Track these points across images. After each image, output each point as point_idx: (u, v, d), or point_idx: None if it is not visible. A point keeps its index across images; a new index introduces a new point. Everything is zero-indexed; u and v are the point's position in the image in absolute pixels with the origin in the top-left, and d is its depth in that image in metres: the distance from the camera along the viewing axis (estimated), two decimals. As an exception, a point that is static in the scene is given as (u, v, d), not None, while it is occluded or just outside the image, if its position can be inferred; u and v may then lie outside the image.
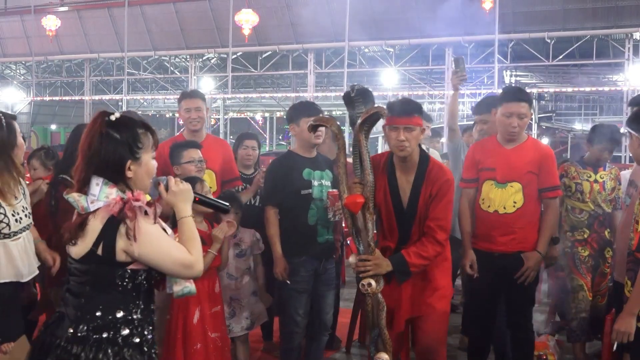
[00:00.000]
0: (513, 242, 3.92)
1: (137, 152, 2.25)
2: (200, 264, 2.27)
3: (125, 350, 2.20)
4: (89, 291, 2.23)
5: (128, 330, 2.23)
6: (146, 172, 2.29)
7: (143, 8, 22.59)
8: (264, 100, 30.33)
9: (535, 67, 22.01)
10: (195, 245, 2.28)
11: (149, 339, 2.30)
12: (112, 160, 2.22)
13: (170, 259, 2.21)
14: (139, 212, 2.16)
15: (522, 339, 4.04)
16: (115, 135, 2.23)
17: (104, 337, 2.19)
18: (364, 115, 3.25)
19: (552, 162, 4.03)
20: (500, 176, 3.92)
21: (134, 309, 2.26)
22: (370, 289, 3.27)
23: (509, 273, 3.93)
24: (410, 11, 19.21)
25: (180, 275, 2.26)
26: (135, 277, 2.24)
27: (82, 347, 2.18)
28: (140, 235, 2.15)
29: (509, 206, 3.90)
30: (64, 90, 29.38)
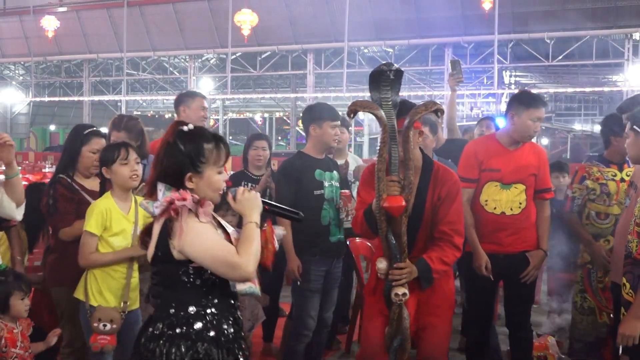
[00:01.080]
0: (517, 242, 3.94)
1: (199, 165, 2.30)
2: (248, 267, 2.24)
3: (199, 344, 2.25)
4: (162, 291, 2.34)
5: (201, 324, 2.27)
6: (208, 186, 2.33)
7: (142, 8, 22.59)
8: (263, 100, 30.38)
9: (535, 68, 22.04)
10: (247, 249, 2.27)
11: (228, 332, 2.33)
12: (172, 169, 2.30)
13: (215, 257, 2.23)
14: (183, 211, 2.21)
15: (522, 338, 4.06)
16: (180, 146, 2.30)
17: (177, 333, 2.25)
18: (422, 112, 3.03)
19: (547, 164, 4.13)
20: (506, 177, 3.92)
21: (207, 304, 2.30)
22: (405, 298, 3.12)
23: (512, 273, 3.94)
24: (410, 11, 19.22)
25: (228, 275, 2.27)
26: (201, 274, 2.28)
27: (156, 343, 2.25)
28: (184, 233, 2.20)
29: (515, 207, 3.93)
30: (63, 90, 29.41)
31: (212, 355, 2.26)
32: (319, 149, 4.09)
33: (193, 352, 2.23)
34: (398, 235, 3.10)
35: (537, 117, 3.91)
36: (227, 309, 2.36)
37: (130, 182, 3.46)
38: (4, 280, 3.16)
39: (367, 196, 3.34)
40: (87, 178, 3.76)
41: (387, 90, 3.06)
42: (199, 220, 2.24)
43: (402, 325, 3.19)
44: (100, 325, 3.31)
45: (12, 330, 3.14)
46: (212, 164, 2.33)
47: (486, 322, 4.11)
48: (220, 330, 2.30)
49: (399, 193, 3.04)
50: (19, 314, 3.18)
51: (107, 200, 3.45)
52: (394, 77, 3.05)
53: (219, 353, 2.28)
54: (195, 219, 2.24)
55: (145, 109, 33.71)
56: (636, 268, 3.15)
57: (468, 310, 4.25)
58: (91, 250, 3.37)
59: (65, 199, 3.59)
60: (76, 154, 3.71)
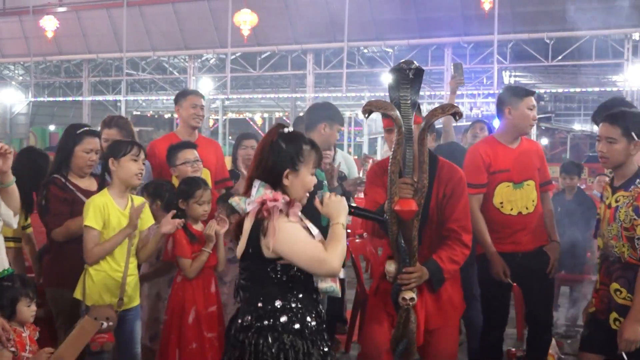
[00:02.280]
0: (532, 239, 3.97)
1: (297, 164, 2.50)
2: (334, 262, 2.40)
3: (285, 336, 2.41)
4: (251, 285, 2.51)
5: (287, 317, 2.43)
6: (302, 185, 2.52)
7: (142, 8, 22.56)
8: (262, 100, 30.34)
9: (535, 68, 22.02)
10: (334, 246, 2.43)
11: (311, 325, 2.48)
12: (273, 166, 2.49)
13: (304, 254, 2.40)
14: (274, 212, 2.38)
15: (543, 339, 4.04)
16: (282, 145, 2.50)
17: (264, 325, 2.43)
18: (440, 114, 3.00)
19: (544, 156, 4.18)
20: (516, 176, 3.91)
21: (292, 298, 2.46)
22: (413, 302, 3.10)
23: (532, 270, 3.95)
24: (409, 12, 19.20)
25: (316, 270, 2.43)
26: (287, 271, 2.44)
27: (246, 334, 2.44)
28: (276, 233, 2.37)
29: (530, 206, 3.95)
30: (63, 90, 29.35)
31: (298, 346, 2.42)
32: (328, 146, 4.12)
33: (280, 343, 2.40)
34: (408, 239, 3.05)
35: (532, 104, 3.97)
36: (310, 303, 2.51)
37: (134, 179, 3.48)
38: (10, 285, 3.15)
39: (377, 196, 3.26)
40: (81, 178, 3.76)
41: (407, 89, 3.00)
42: (289, 220, 2.42)
43: (408, 329, 3.13)
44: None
45: (21, 335, 3.14)
46: (307, 163, 2.52)
47: (502, 322, 4.10)
48: (305, 323, 2.46)
49: (411, 196, 2.97)
50: (25, 320, 3.17)
51: (103, 196, 3.46)
52: (414, 76, 2.99)
53: (304, 344, 2.43)
54: (286, 218, 2.41)
55: (144, 109, 33.67)
56: (628, 272, 3.12)
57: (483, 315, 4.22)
58: (94, 244, 3.40)
59: (58, 199, 3.59)
60: (69, 154, 3.71)
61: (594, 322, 3.37)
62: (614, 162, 3.26)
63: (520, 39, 18.92)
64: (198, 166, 4.16)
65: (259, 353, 2.39)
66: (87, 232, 3.39)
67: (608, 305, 3.24)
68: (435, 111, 3.01)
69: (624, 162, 3.24)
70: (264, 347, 2.40)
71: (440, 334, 3.31)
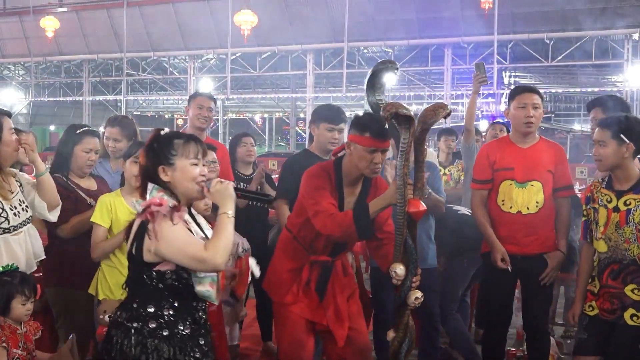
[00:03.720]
0: (536, 243, 3.89)
1: (170, 157, 2.52)
2: (216, 259, 2.40)
3: (150, 340, 2.44)
4: (131, 285, 2.57)
5: (156, 324, 2.46)
6: (183, 176, 2.52)
7: (142, 9, 22.57)
8: (263, 101, 30.37)
9: (535, 68, 22.03)
10: (215, 242, 2.44)
11: (183, 333, 2.50)
12: (149, 165, 2.54)
13: (185, 254, 2.40)
14: (157, 215, 2.39)
15: (540, 341, 4.02)
16: (154, 145, 2.55)
17: (133, 326, 2.46)
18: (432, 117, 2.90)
19: (566, 160, 4.05)
20: (520, 175, 3.88)
21: (166, 306, 2.48)
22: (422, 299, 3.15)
23: (529, 275, 3.92)
24: (409, 12, 19.21)
25: (198, 269, 2.44)
26: (163, 278, 2.46)
27: (116, 330, 2.50)
28: (159, 235, 2.38)
29: (532, 206, 3.87)
30: (63, 91, 29.36)
31: (162, 351, 2.44)
32: (321, 149, 4.11)
33: (142, 347, 2.43)
34: (414, 238, 3.10)
35: (524, 102, 3.89)
36: (187, 310, 2.52)
37: (133, 180, 3.52)
38: (9, 281, 3.13)
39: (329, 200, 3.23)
40: (81, 177, 3.78)
41: (381, 92, 3.08)
42: (172, 224, 2.41)
43: (409, 328, 3.19)
44: (106, 317, 3.36)
45: (15, 331, 3.13)
46: (182, 156, 2.52)
47: (504, 322, 4.10)
48: (175, 331, 2.48)
49: (412, 196, 3.01)
50: (18, 318, 3.15)
51: (114, 196, 3.57)
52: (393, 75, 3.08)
53: (169, 350, 2.45)
54: (169, 222, 2.40)
55: (145, 109, 33.68)
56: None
57: (486, 311, 4.23)
58: (99, 240, 3.49)
59: (62, 196, 3.61)
60: (69, 154, 3.74)
61: (597, 323, 3.40)
62: (606, 165, 3.34)
63: (520, 39, 18.93)
64: (215, 167, 4.21)
65: (123, 352, 2.44)
66: (94, 229, 3.50)
67: (619, 305, 3.27)
68: (427, 112, 2.94)
69: (618, 164, 3.31)
70: (127, 348, 2.44)
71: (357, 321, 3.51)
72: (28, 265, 3.28)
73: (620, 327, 3.30)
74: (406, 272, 3.09)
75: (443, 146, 6.45)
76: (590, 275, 3.48)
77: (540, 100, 3.96)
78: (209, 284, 2.48)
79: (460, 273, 4.58)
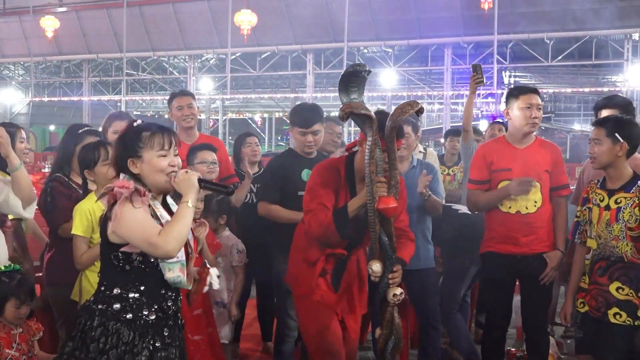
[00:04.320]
0: (535, 242, 3.89)
1: (137, 150, 2.52)
2: (167, 245, 2.40)
3: (112, 323, 2.45)
4: (102, 268, 2.58)
5: (120, 305, 2.47)
6: (151, 168, 2.53)
7: (142, 9, 22.58)
8: (262, 100, 30.35)
9: (534, 68, 22.04)
10: (169, 229, 2.44)
11: (148, 319, 2.49)
12: (118, 158, 2.56)
13: (140, 237, 2.42)
14: (120, 198, 2.42)
15: (539, 341, 4.02)
16: (124, 137, 2.57)
17: (98, 308, 2.48)
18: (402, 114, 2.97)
19: (562, 160, 4.07)
20: (518, 176, 3.88)
21: (132, 289, 2.49)
22: (402, 297, 3.17)
23: (529, 275, 3.92)
24: (409, 12, 19.21)
25: (152, 253, 2.44)
26: (129, 260, 2.48)
27: (83, 312, 2.54)
28: (118, 216, 2.41)
29: (530, 206, 3.88)
30: (63, 90, 29.37)
31: (122, 334, 2.45)
32: (301, 150, 4.08)
33: (103, 328, 2.45)
34: (390, 235, 3.12)
35: (529, 103, 3.89)
36: (153, 296, 2.52)
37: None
38: (6, 282, 3.11)
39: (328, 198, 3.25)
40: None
41: (355, 92, 3.06)
42: (133, 206, 2.42)
43: (395, 325, 3.18)
44: None
45: (10, 332, 3.12)
46: (150, 148, 2.53)
47: (504, 322, 4.09)
48: (139, 315, 2.48)
49: (387, 193, 3.03)
50: (10, 321, 3.11)
51: (90, 201, 3.44)
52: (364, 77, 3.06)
53: (130, 334, 2.46)
54: (130, 204, 2.42)
55: (144, 109, 33.68)
56: (631, 271, 3.25)
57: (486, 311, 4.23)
58: (82, 252, 3.40)
59: (63, 195, 3.61)
60: (71, 153, 3.73)
61: (589, 321, 3.44)
62: (600, 162, 3.42)
63: (520, 39, 18.94)
64: (214, 168, 4.24)
65: (84, 333, 2.47)
66: (75, 240, 3.40)
67: (604, 303, 3.32)
68: (396, 110, 2.99)
69: (612, 163, 3.39)
70: (88, 328, 2.46)
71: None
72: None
73: (604, 324, 3.35)
74: (383, 268, 3.11)
75: (448, 146, 6.43)
76: (581, 275, 3.55)
77: (541, 101, 4.00)
78: (178, 269, 2.49)
79: (461, 273, 4.58)
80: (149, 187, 2.53)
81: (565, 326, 5.47)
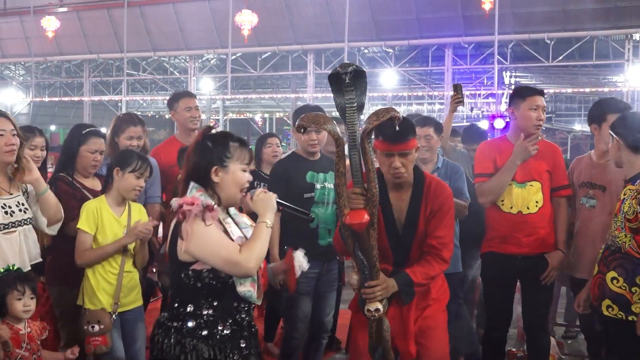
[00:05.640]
0: (536, 242, 3.89)
1: (224, 160, 2.52)
2: (249, 263, 2.40)
3: (188, 340, 2.45)
4: (173, 286, 2.62)
5: (194, 323, 2.47)
6: (233, 181, 2.53)
7: (142, 9, 22.57)
8: (263, 101, 30.32)
9: (535, 68, 22.00)
10: (251, 247, 2.43)
11: (223, 333, 2.50)
12: (201, 164, 2.53)
13: (218, 256, 2.40)
14: (189, 216, 2.40)
15: (540, 341, 4.02)
16: (208, 143, 2.55)
17: (173, 325, 2.49)
18: (374, 123, 2.81)
19: (563, 160, 4.07)
20: (519, 176, 3.89)
21: (205, 305, 2.49)
22: (378, 314, 3.01)
23: (530, 275, 3.92)
24: (410, 12, 19.21)
25: (231, 272, 2.44)
26: (200, 277, 2.46)
27: (158, 330, 2.54)
28: (191, 235, 2.39)
29: (532, 206, 3.89)
30: (63, 91, 29.36)
31: (201, 350, 2.45)
32: (305, 152, 4.08)
33: (181, 346, 2.45)
34: (366, 250, 2.94)
35: (536, 105, 3.91)
36: (227, 310, 2.52)
37: (132, 194, 3.56)
38: (2, 279, 3.11)
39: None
40: (85, 177, 3.78)
41: (351, 91, 2.80)
42: (205, 224, 2.40)
43: (381, 337, 3.08)
44: (89, 328, 3.35)
45: (18, 332, 3.12)
46: (236, 160, 2.54)
47: (505, 322, 4.10)
48: (214, 331, 2.48)
49: (363, 206, 2.85)
50: (17, 315, 3.11)
51: (98, 202, 3.52)
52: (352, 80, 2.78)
53: (209, 350, 2.46)
54: (202, 222, 2.40)
55: (145, 109, 33.65)
56: (627, 262, 3.25)
57: (486, 312, 4.23)
58: (85, 247, 3.45)
59: (68, 195, 3.63)
60: (74, 154, 3.74)
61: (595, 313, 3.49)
62: (612, 159, 3.54)
63: (520, 39, 18.93)
64: None
65: (163, 352, 2.48)
66: (79, 235, 3.46)
67: (601, 293, 3.34)
68: (371, 118, 2.84)
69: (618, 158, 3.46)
70: (167, 347, 2.47)
71: (433, 336, 3.27)
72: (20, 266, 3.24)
73: (598, 315, 3.39)
74: (359, 282, 3.04)
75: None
76: None
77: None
78: (250, 284, 2.49)
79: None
80: (220, 200, 2.51)
81: (566, 326, 5.50)
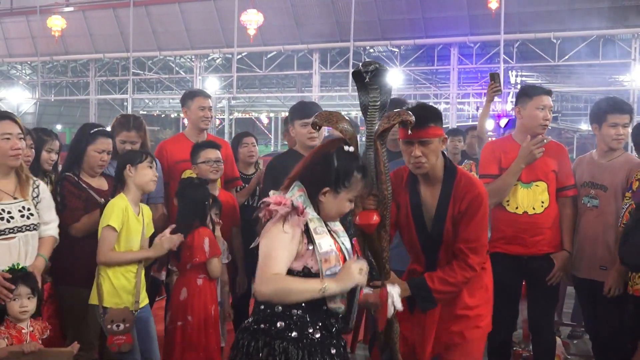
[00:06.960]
0: (542, 243, 3.87)
1: (340, 187, 2.43)
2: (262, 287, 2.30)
3: (278, 342, 2.32)
4: None
5: (284, 323, 2.35)
6: (337, 208, 2.45)
7: (148, 8, 22.61)
8: (269, 100, 30.37)
9: (541, 67, 21.96)
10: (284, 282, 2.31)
11: (313, 337, 2.37)
12: (318, 177, 2.44)
13: (262, 258, 2.33)
14: (275, 215, 2.34)
15: (546, 340, 4.02)
16: (335, 160, 2.44)
17: (260, 327, 2.37)
18: (384, 125, 2.70)
19: (568, 159, 4.05)
20: (525, 176, 3.88)
21: (294, 305, 2.36)
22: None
23: (537, 275, 3.91)
24: (416, 11, 19.19)
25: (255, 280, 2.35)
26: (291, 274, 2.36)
27: (242, 335, 2.41)
28: (266, 232, 2.35)
29: (537, 206, 3.87)
30: (70, 90, 29.41)
31: (290, 354, 2.32)
32: (303, 147, 4.02)
33: (270, 349, 2.32)
34: (376, 251, 2.86)
35: (542, 104, 3.90)
36: (316, 313, 2.39)
37: (150, 184, 3.57)
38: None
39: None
40: (92, 177, 3.79)
41: (375, 90, 2.71)
42: (282, 229, 2.33)
43: (391, 338, 2.99)
44: (114, 327, 3.36)
45: (21, 331, 3.12)
46: (350, 191, 2.46)
47: (511, 322, 4.10)
48: (304, 333, 2.36)
49: (375, 207, 2.77)
50: (15, 316, 3.09)
51: (123, 200, 3.52)
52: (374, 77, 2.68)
53: (298, 354, 2.33)
54: (281, 226, 2.33)
55: (151, 108, 33.74)
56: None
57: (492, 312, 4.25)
58: (110, 245, 3.43)
59: (74, 195, 3.63)
60: (82, 153, 3.74)
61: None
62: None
63: (526, 38, 18.89)
64: (218, 167, 4.19)
65: (249, 355, 2.34)
66: (107, 232, 3.42)
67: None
68: (383, 121, 2.73)
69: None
70: (253, 350, 2.34)
71: (457, 354, 3.11)
72: None
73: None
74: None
75: (449, 146, 6.43)
76: None
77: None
78: (340, 301, 2.41)
79: None
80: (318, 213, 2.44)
81: (572, 326, 5.49)
